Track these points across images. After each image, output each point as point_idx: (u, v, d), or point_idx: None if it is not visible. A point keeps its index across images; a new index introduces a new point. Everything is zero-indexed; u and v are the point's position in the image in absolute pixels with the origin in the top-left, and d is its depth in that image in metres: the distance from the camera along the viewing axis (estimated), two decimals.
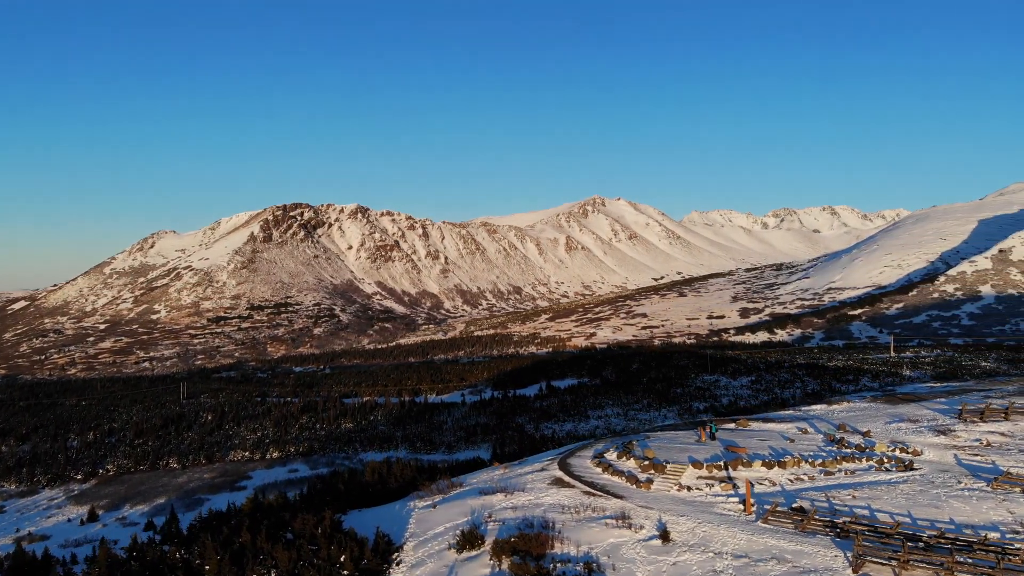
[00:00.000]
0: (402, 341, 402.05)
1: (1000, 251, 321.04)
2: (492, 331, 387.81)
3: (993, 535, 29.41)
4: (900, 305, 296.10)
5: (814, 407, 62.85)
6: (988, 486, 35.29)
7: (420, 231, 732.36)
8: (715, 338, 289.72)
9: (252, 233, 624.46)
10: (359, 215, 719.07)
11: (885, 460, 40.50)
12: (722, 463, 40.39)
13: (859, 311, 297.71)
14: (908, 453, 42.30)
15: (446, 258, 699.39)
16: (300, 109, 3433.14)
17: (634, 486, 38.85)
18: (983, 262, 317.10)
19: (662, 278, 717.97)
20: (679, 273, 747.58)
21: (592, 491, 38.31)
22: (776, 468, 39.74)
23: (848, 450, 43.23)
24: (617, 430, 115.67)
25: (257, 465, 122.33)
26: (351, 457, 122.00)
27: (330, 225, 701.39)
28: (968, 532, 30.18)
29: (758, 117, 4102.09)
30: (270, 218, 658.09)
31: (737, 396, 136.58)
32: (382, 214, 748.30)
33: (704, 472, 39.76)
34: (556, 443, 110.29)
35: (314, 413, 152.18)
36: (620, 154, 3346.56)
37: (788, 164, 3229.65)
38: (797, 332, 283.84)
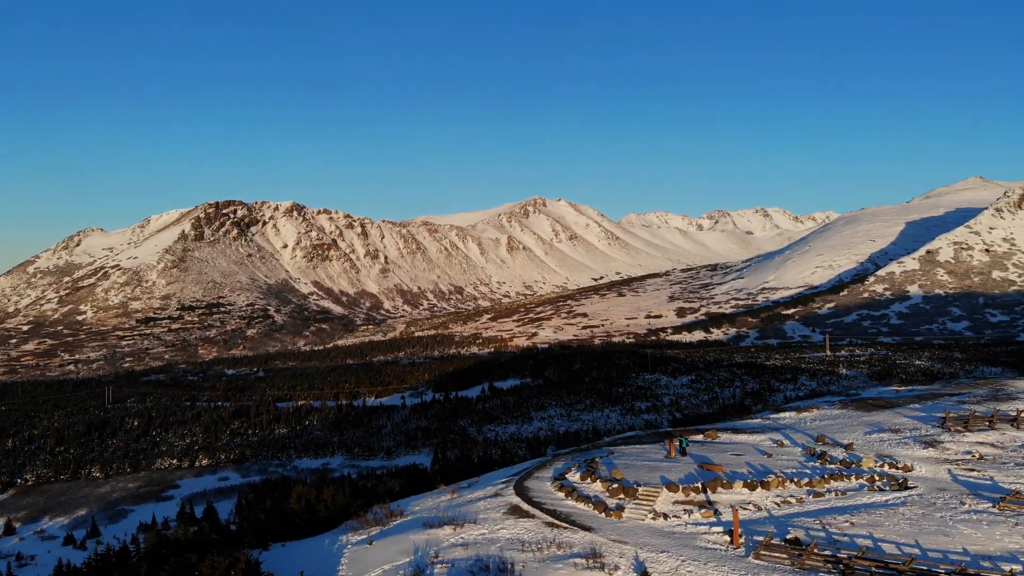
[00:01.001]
0: (340, 342, 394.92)
1: (927, 252, 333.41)
2: (433, 331, 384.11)
3: (1014, 567, 26.65)
4: (831, 305, 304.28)
5: (783, 415, 59.74)
6: (994, 507, 32.81)
7: (359, 230, 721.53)
8: (653, 337, 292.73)
9: (183, 231, 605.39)
10: (295, 213, 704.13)
11: (876, 478, 37.31)
12: (699, 484, 36.38)
13: (792, 310, 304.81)
14: (898, 469, 39.74)
15: (386, 257, 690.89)
16: (234, 104, 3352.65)
17: (603, 514, 34.47)
18: (911, 263, 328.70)
19: (602, 278, 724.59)
20: (618, 273, 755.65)
21: (556, 522, 33.67)
22: (760, 489, 36.19)
23: (833, 466, 40.10)
24: (561, 432, 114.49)
25: (185, 473, 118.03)
26: (285, 464, 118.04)
27: (265, 223, 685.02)
28: (986, 564, 27.23)
29: (693, 121, 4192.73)
30: (202, 216, 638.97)
31: (678, 395, 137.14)
32: (319, 212, 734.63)
33: (681, 496, 35.78)
34: (499, 446, 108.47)
35: (246, 418, 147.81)
36: (561, 155, 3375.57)
37: (722, 167, 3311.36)
38: (732, 331, 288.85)
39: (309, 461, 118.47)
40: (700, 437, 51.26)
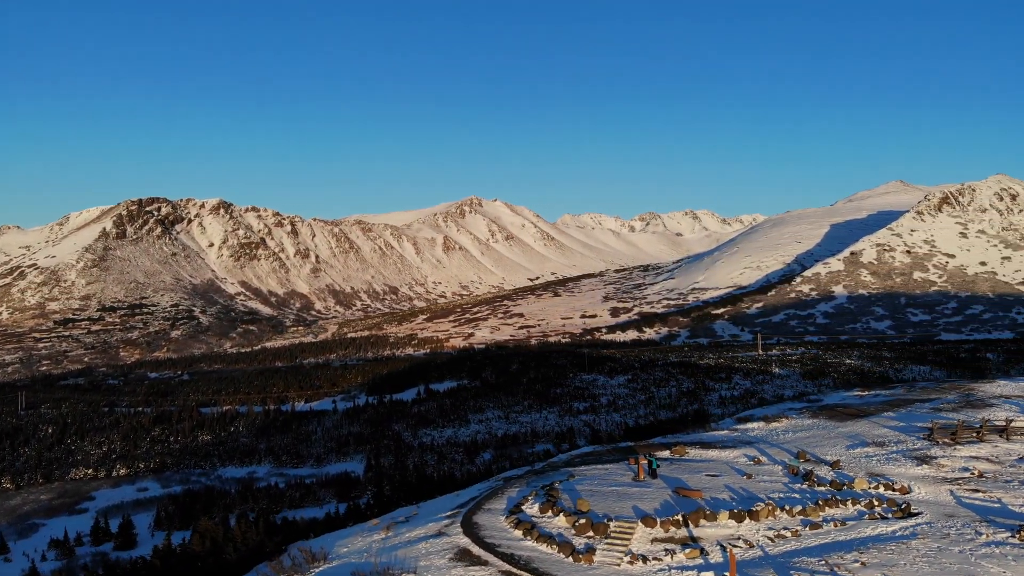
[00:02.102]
0: (268, 344, 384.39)
1: (851, 254, 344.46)
2: (367, 332, 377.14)
3: None
4: (760, 304, 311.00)
5: (751, 425, 55.47)
6: (1015, 536, 29.74)
7: (289, 228, 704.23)
8: (589, 337, 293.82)
9: (104, 229, 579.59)
10: (222, 211, 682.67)
11: (875, 503, 33.34)
12: (679, 516, 31.42)
13: (722, 310, 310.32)
14: (896, 491, 36.02)
15: (317, 257, 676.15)
16: (158, 98, 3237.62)
17: (571, 559, 29.22)
18: (836, 264, 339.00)
19: (537, 278, 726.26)
20: (553, 274, 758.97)
21: (514, 571, 28.30)
22: (748, 521, 31.63)
23: (823, 489, 36.06)
24: (499, 435, 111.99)
25: (102, 484, 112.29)
26: (208, 473, 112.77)
27: (190, 221, 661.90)
28: None
29: (624, 124, 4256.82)
30: (124, 213, 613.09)
31: (616, 395, 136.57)
32: (247, 210, 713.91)
33: (660, 531, 30.71)
34: (436, 451, 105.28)
35: (168, 424, 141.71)
36: (497, 156, 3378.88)
37: (652, 171, 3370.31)
38: (664, 330, 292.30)
39: (234, 469, 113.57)
40: (667, 453, 46.65)
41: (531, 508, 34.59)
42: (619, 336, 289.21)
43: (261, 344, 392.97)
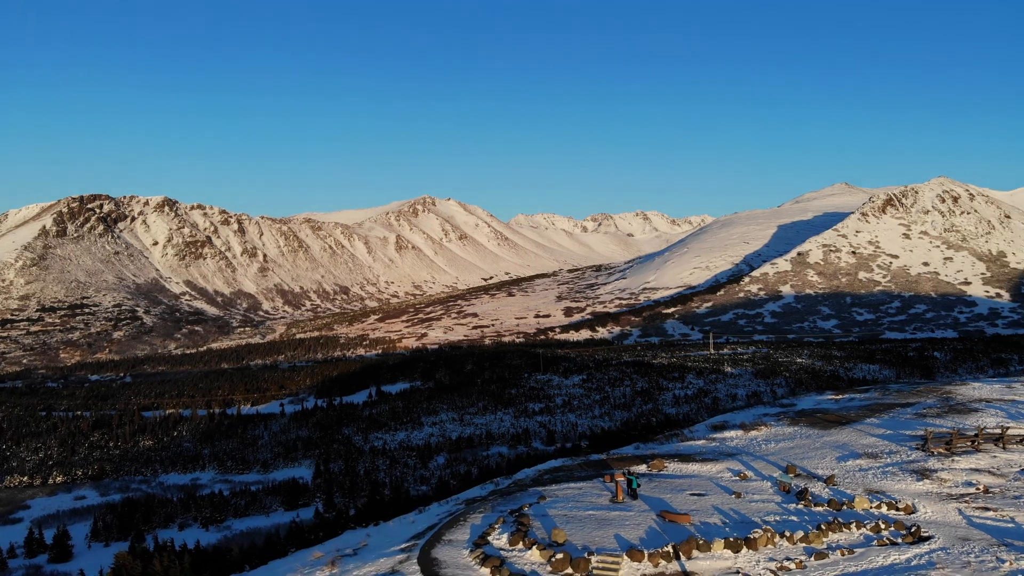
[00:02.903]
0: (214, 345, 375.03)
1: (798, 254, 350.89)
2: (317, 333, 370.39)
3: None
4: (709, 304, 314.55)
5: (728, 433, 51.89)
6: None
7: (236, 226, 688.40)
8: (542, 336, 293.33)
9: (44, 227, 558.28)
10: (166, 208, 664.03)
11: (882, 526, 30.03)
12: (670, 548, 27.67)
13: (672, 309, 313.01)
14: (900, 511, 32.84)
15: (265, 256, 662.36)
16: (100, 92, 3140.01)
17: None
18: (783, 264, 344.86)
19: (491, 278, 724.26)
20: (507, 273, 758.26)
21: None
22: (746, 550, 28.11)
23: (821, 509, 32.73)
24: (453, 438, 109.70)
25: (37, 492, 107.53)
26: (149, 480, 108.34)
27: (133, 219, 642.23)
28: None
29: (577, 124, 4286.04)
30: (65, 210, 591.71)
31: (571, 395, 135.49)
32: (192, 207, 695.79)
33: (648, 566, 26.79)
34: (388, 456, 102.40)
35: (108, 429, 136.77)
36: (451, 155, 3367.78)
37: (604, 172, 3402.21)
38: (617, 330, 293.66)
39: (177, 476, 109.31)
40: (644, 468, 42.92)
41: (499, 539, 30.25)
42: (573, 335, 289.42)
43: (207, 345, 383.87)
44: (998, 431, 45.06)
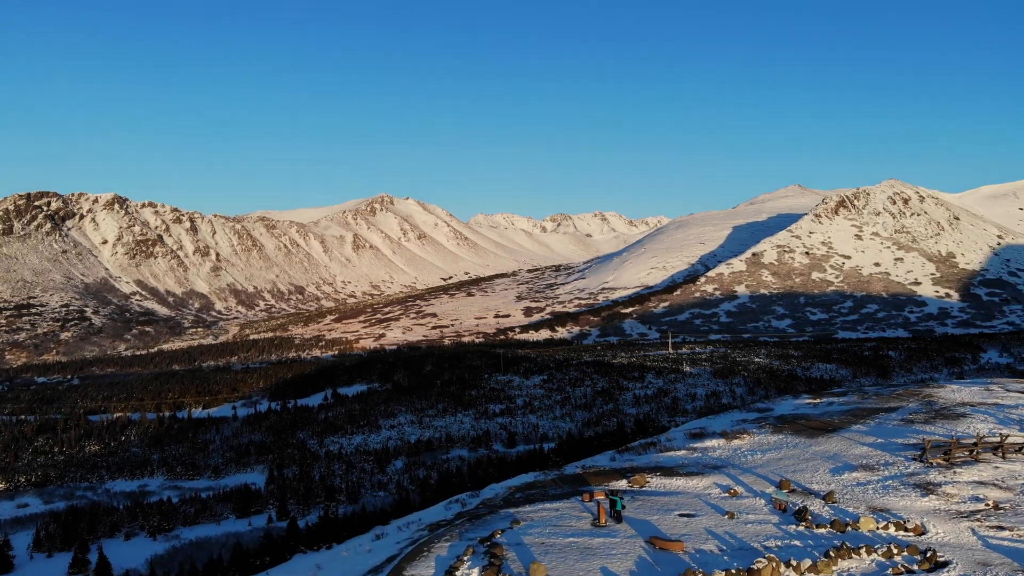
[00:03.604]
0: (165, 346, 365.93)
1: (753, 255, 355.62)
2: (271, 334, 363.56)
3: None
4: (666, 304, 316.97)
5: (709, 443, 48.89)
6: None
7: (188, 225, 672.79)
8: (502, 336, 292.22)
9: None
10: (116, 206, 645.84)
11: (894, 551, 27.23)
12: None
13: (630, 309, 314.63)
14: (909, 531, 30.34)
15: (218, 255, 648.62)
16: (46, 87, 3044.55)
17: None
18: (738, 264, 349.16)
19: (451, 278, 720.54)
20: (467, 273, 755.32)
21: None
22: None
23: (824, 531, 29.96)
24: (412, 441, 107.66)
25: None
26: (95, 487, 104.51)
27: (82, 217, 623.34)
28: None
29: (537, 124, 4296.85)
30: (11, 208, 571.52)
31: (532, 396, 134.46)
32: (143, 205, 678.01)
33: None
34: (344, 460, 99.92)
35: (52, 434, 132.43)
36: (410, 154, 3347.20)
37: (563, 173, 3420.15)
38: (576, 329, 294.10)
39: (124, 483, 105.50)
40: (624, 484, 39.43)
41: (469, 574, 26.45)
42: (532, 335, 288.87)
43: (158, 346, 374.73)
44: (996, 439, 42.96)
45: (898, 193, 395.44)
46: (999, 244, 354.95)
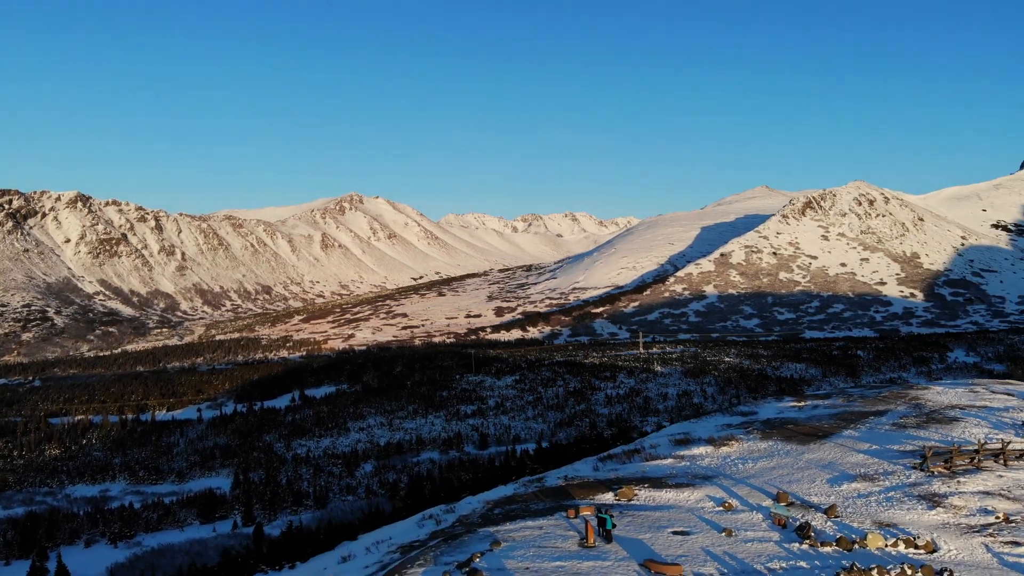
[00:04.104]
0: (130, 347, 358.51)
1: (721, 255, 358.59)
2: (237, 334, 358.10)
3: None
4: (636, 304, 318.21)
5: (696, 450, 46.22)
6: None
7: (153, 223, 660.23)
8: (473, 336, 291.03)
9: None
10: (79, 204, 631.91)
11: (908, 571, 25.18)
12: None
13: (601, 309, 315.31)
14: (920, 548, 28.53)
15: (183, 254, 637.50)
16: (8, 84, 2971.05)
17: None
18: (707, 264, 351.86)
19: (421, 278, 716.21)
20: (437, 273, 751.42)
21: None
22: None
23: (830, 550, 27.94)
24: (382, 444, 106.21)
25: None
26: (55, 492, 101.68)
27: (44, 215, 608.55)
28: None
29: (507, 125, 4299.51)
30: None
31: (504, 396, 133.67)
32: (107, 203, 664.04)
33: None
34: (311, 464, 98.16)
35: (12, 437, 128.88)
36: (380, 153, 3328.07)
37: (534, 172, 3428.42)
38: (547, 329, 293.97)
39: (85, 488, 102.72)
40: (611, 497, 36.66)
41: None
42: (504, 335, 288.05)
43: (121, 347, 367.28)
44: (996, 445, 41.18)
45: (864, 194, 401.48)
46: (963, 245, 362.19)
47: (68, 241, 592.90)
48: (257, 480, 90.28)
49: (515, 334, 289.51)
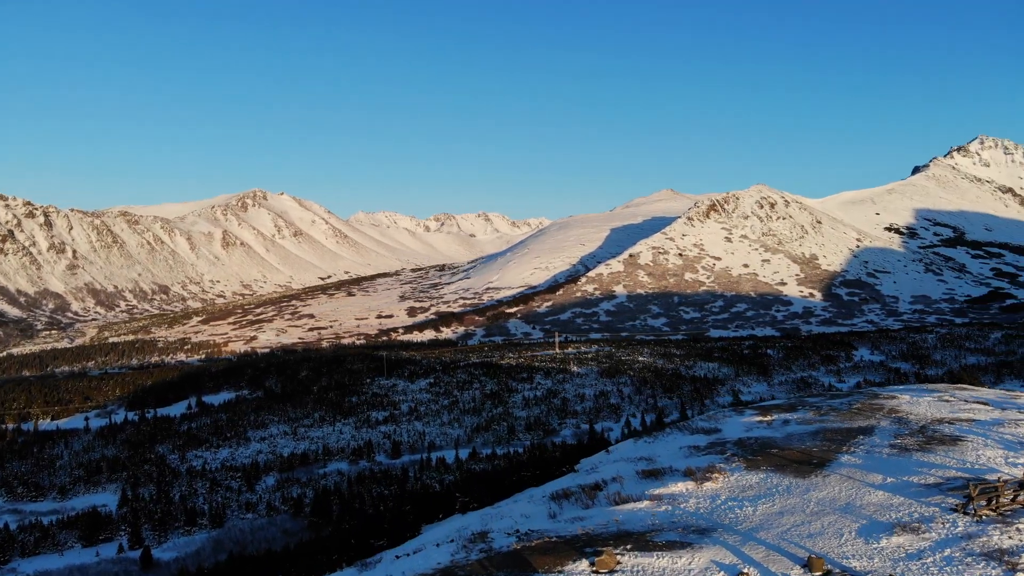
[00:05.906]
0: (15, 351, 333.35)
1: (630, 256, 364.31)
2: (132, 336, 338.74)
3: None
4: (549, 303, 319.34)
5: (674, 487, 35.53)
6: None
7: (42, 219, 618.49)
8: (385, 337, 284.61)
9: None
10: None
11: None
12: None
13: (515, 309, 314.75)
14: None
15: (75, 252, 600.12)
16: None
17: None
18: (616, 265, 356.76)
19: (330, 277, 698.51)
20: (347, 272, 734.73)
21: None
22: None
23: None
24: (285, 454, 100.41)
25: None
26: None
27: None
28: None
29: (418, 122, 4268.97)
30: None
31: (417, 401, 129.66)
32: None
33: None
34: (208, 478, 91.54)
35: None
36: (285, 147, 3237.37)
37: (446, 172, 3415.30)
38: (461, 330, 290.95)
39: None
40: (586, 567, 25.10)
41: None
42: (417, 336, 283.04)
43: (6, 350, 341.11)
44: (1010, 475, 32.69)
45: (765, 198, 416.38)
46: (858, 247, 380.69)
47: None
48: (147, 496, 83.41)
49: (428, 335, 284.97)
